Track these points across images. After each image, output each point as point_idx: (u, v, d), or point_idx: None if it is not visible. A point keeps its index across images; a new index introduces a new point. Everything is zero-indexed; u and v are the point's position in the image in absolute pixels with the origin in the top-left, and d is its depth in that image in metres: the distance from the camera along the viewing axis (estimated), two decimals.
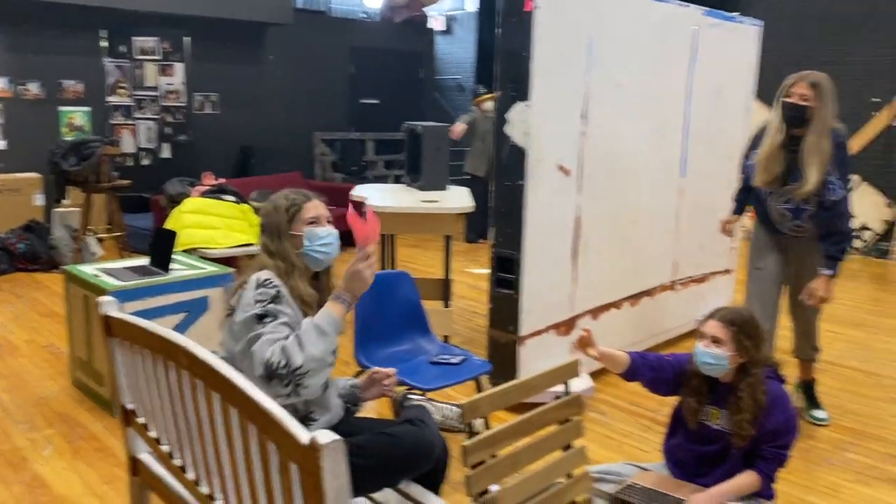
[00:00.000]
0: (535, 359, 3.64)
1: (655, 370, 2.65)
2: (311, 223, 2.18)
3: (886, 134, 7.50)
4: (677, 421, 2.65)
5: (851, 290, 6.27)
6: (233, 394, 1.58)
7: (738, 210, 3.72)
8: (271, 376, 1.86)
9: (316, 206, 2.21)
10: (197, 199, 5.39)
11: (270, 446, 1.51)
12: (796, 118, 3.14)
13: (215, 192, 5.57)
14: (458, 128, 7.34)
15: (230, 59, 8.28)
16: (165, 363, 1.86)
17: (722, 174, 4.71)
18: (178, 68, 7.57)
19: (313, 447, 1.34)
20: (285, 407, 1.62)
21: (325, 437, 1.33)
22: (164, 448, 2.03)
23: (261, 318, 1.96)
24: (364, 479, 1.97)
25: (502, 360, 3.68)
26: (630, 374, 2.68)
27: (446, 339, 4.42)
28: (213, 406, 1.69)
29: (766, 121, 3.33)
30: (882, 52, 7.42)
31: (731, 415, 2.45)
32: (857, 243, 7.72)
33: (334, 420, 2.13)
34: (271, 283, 2.04)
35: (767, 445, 2.42)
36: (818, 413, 3.60)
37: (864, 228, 7.67)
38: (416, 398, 2.23)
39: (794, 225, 3.28)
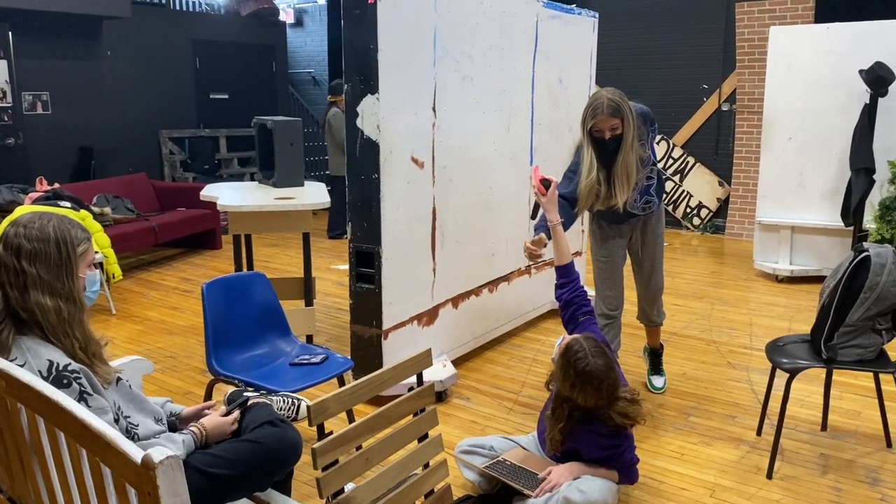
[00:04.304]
0: (399, 351, 3.64)
1: (575, 304, 2.90)
2: (90, 266, 1.94)
3: (716, 118, 8.09)
4: None
5: (692, 265, 6.73)
6: (58, 416, 1.47)
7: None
8: None
9: (93, 247, 1.97)
10: (29, 207, 4.98)
11: (104, 469, 1.42)
12: (616, 148, 3.16)
13: (50, 199, 5.18)
14: None
15: (63, 54, 7.69)
16: None
17: (566, 162, 4.90)
18: (1, 66, 6.94)
19: (147, 466, 1.27)
20: None
21: (159, 454, 1.26)
22: None
23: None
24: (234, 488, 1.93)
25: (367, 354, 3.66)
26: (564, 273, 2.94)
27: (310, 338, 4.35)
28: (39, 431, 1.56)
29: (579, 147, 3.30)
30: (710, 41, 7.99)
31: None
32: (694, 220, 8.30)
33: None
34: (69, 375, 1.72)
35: (605, 465, 2.58)
36: (656, 381, 3.84)
37: (700, 207, 8.25)
38: (252, 395, 2.17)
39: (643, 203, 3.43)
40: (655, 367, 3.89)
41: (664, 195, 3.60)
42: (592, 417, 2.54)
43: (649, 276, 3.65)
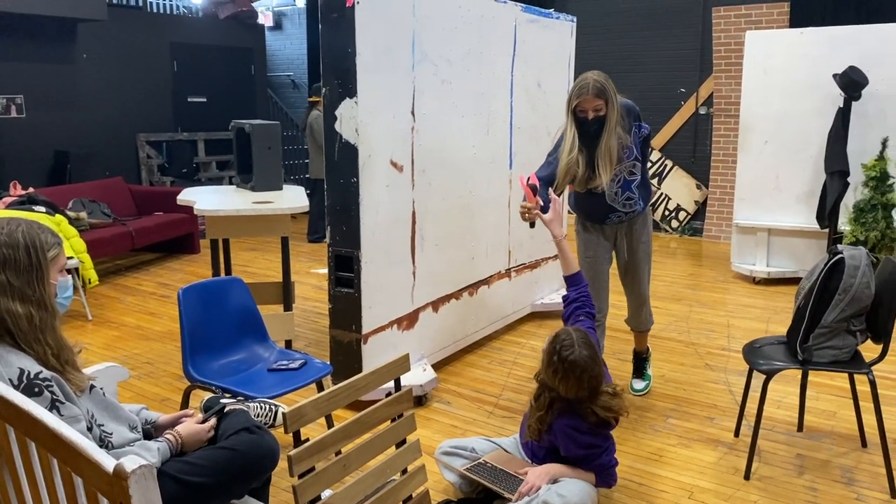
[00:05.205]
0: (379, 355, 3.63)
1: (578, 302, 2.93)
2: (61, 272, 1.92)
3: (694, 122, 8.17)
4: None
5: (671, 267, 6.78)
6: (29, 425, 1.45)
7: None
8: None
9: (64, 252, 1.94)
10: (2, 212, 4.91)
11: (76, 479, 1.40)
12: (600, 130, 3.22)
13: (24, 203, 5.12)
14: None
15: (37, 57, 7.59)
16: None
17: None
18: None
19: (119, 475, 1.25)
20: None
21: (132, 463, 1.24)
22: None
23: None
24: (210, 496, 1.91)
25: (346, 359, 3.65)
26: (572, 281, 3.00)
27: (289, 343, 4.32)
28: (9, 440, 1.54)
29: (562, 131, 3.36)
30: (686, 45, 8.07)
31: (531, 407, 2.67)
32: (672, 223, 8.36)
33: None
34: (40, 384, 1.69)
35: (582, 466, 2.59)
36: (636, 383, 3.86)
37: (679, 209, 8.32)
38: (229, 401, 2.15)
39: (625, 199, 3.45)
40: (638, 370, 3.89)
41: (649, 199, 3.60)
42: (573, 411, 2.55)
43: (634, 284, 3.65)
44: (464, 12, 4.01)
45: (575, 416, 2.55)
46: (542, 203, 3.12)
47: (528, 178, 3.16)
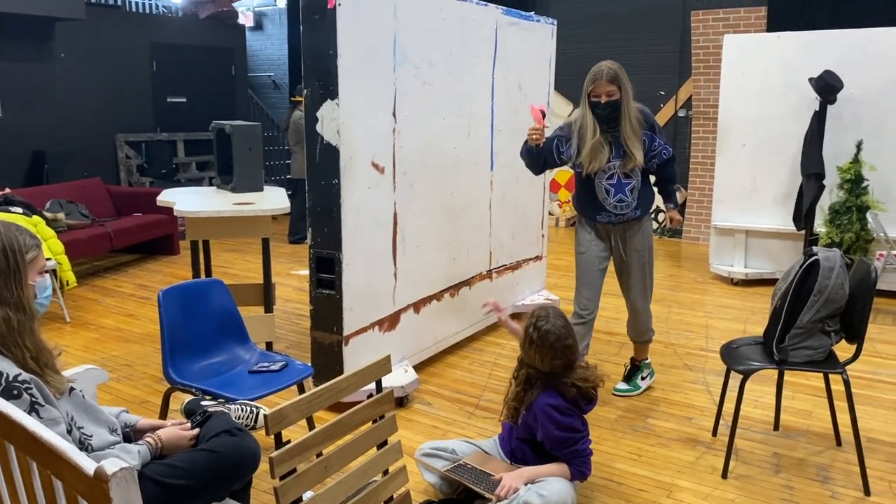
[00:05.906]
0: (360, 357, 3.63)
1: None
2: (40, 273, 1.92)
3: (673, 124, 8.24)
4: None
5: None
6: (7, 429, 1.44)
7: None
8: None
9: (43, 254, 1.94)
10: None
11: (55, 482, 1.39)
12: (612, 114, 3.40)
13: (1, 205, 5.06)
14: None
15: (13, 56, 7.50)
16: None
17: (525, 167, 4.95)
18: None
19: (100, 478, 1.25)
20: None
21: (113, 465, 1.24)
22: None
23: None
24: (190, 498, 1.91)
25: (327, 360, 3.64)
26: None
27: (269, 345, 4.31)
28: None
29: (578, 117, 3.52)
30: (665, 48, 8.14)
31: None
32: (652, 225, 8.43)
33: None
34: (19, 386, 1.69)
35: (558, 452, 2.62)
36: (619, 384, 3.89)
37: (658, 211, 8.38)
38: (209, 403, 2.15)
39: (616, 201, 3.49)
40: (628, 375, 3.91)
41: (649, 209, 3.68)
42: (552, 388, 2.60)
43: (625, 290, 3.71)
44: (445, 14, 4.02)
45: (555, 394, 2.61)
46: (547, 126, 3.54)
47: (538, 106, 3.54)
